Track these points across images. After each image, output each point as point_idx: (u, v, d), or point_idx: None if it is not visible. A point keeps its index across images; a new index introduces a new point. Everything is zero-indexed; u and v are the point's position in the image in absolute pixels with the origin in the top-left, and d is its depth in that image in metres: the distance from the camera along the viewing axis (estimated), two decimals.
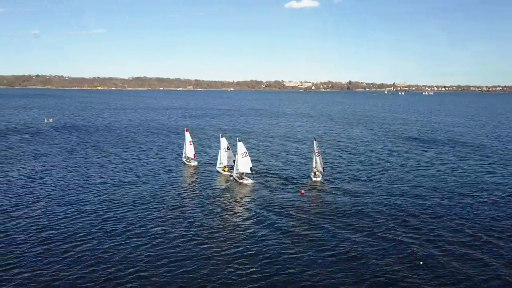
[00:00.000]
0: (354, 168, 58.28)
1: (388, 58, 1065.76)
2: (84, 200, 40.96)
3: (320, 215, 37.31)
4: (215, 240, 31.34)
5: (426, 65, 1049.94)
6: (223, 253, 29.09)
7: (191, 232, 32.88)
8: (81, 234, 32.09)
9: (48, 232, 32.40)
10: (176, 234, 32.38)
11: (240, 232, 33.13)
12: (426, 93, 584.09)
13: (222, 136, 53.38)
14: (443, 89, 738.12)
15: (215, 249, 29.65)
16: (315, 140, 50.46)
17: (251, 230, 33.51)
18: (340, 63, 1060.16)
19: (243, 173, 48.79)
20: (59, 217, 35.97)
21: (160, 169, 56.40)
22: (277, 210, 38.69)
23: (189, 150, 59.25)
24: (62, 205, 39.23)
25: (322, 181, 49.53)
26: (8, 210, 37.67)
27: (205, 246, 30.29)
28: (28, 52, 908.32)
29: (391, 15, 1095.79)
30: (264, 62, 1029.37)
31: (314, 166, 50.40)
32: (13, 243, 30.25)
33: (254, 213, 37.81)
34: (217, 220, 35.95)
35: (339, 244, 30.76)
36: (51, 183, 47.44)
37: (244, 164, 48.38)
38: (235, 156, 50.04)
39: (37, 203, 39.77)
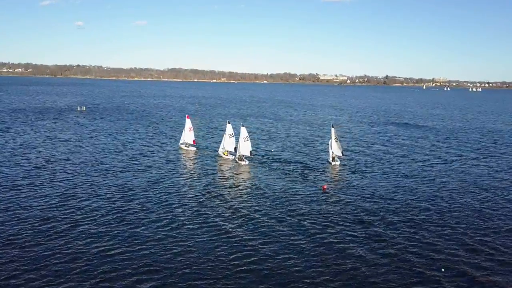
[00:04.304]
0: (379, 162, 56.36)
1: (427, 53, 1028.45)
2: (91, 183, 41.83)
3: (330, 209, 36.12)
4: (211, 223, 31.02)
5: (467, 60, 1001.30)
6: (214, 237, 28.73)
7: (189, 214, 32.75)
8: (82, 214, 32.74)
9: (50, 211, 33.28)
10: (174, 215, 32.34)
11: (237, 216, 32.61)
12: (474, 89, 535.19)
13: (228, 123, 55.43)
14: (487, 85, 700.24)
15: (208, 233, 29.34)
16: (332, 127, 53.62)
17: (249, 214, 32.93)
18: (377, 57, 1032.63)
19: (243, 155, 52.26)
20: (65, 198, 36.96)
21: (170, 154, 57.54)
22: (281, 197, 37.97)
23: (188, 136, 60.79)
24: (72, 188, 40.23)
25: (340, 165, 51.81)
26: (22, 189, 38.99)
27: (200, 229, 30.01)
28: (71, 43, 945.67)
29: (430, 9, 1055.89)
30: (298, 55, 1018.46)
31: (331, 151, 52.80)
32: (19, 219, 31.19)
33: (252, 198, 37.24)
34: (215, 204, 35.63)
35: (341, 239, 29.59)
36: (66, 167, 48.84)
37: (245, 147, 52.10)
38: (237, 141, 53.23)
39: (49, 184, 40.95)
